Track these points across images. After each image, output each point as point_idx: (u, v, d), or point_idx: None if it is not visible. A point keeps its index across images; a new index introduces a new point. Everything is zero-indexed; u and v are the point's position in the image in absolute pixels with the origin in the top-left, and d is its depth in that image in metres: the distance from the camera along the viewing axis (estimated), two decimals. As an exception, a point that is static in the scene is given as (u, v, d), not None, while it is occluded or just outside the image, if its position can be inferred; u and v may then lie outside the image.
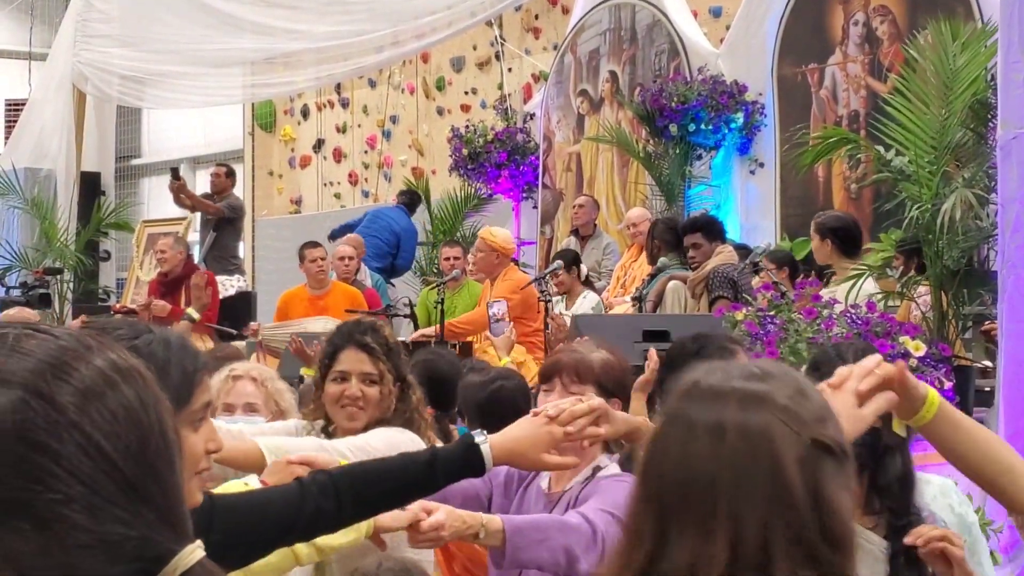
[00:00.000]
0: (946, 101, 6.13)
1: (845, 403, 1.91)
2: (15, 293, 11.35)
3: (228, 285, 10.81)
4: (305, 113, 16.91)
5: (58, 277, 11.94)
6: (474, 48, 14.59)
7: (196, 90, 12.86)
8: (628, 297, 8.53)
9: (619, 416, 2.61)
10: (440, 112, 15.04)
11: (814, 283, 5.75)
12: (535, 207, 12.17)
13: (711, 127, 9.78)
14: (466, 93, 14.78)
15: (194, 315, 7.12)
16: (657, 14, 10.82)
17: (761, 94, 9.89)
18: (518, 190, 12.29)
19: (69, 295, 12.02)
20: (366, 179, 16.06)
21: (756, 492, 1.45)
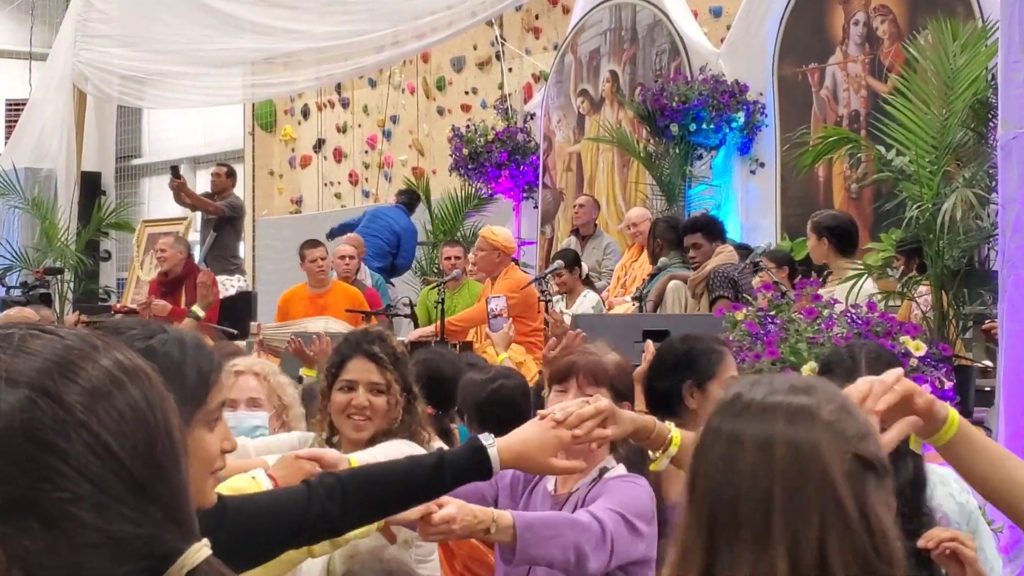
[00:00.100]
0: (946, 101, 6.13)
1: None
2: (15, 293, 11.35)
3: (228, 285, 10.80)
4: (305, 113, 16.91)
5: (58, 277, 11.93)
6: (474, 48, 14.58)
7: (196, 90, 12.84)
8: (628, 297, 8.53)
9: (626, 416, 2.60)
10: (440, 112, 15.03)
11: (814, 283, 5.75)
12: (535, 207, 12.17)
13: (712, 127, 9.78)
14: (466, 93, 14.78)
15: (199, 313, 7.11)
16: (658, 14, 10.82)
17: (762, 94, 9.89)
18: (518, 190, 12.29)
19: (69, 295, 12.01)
20: (366, 179, 16.06)
21: (810, 508, 1.44)
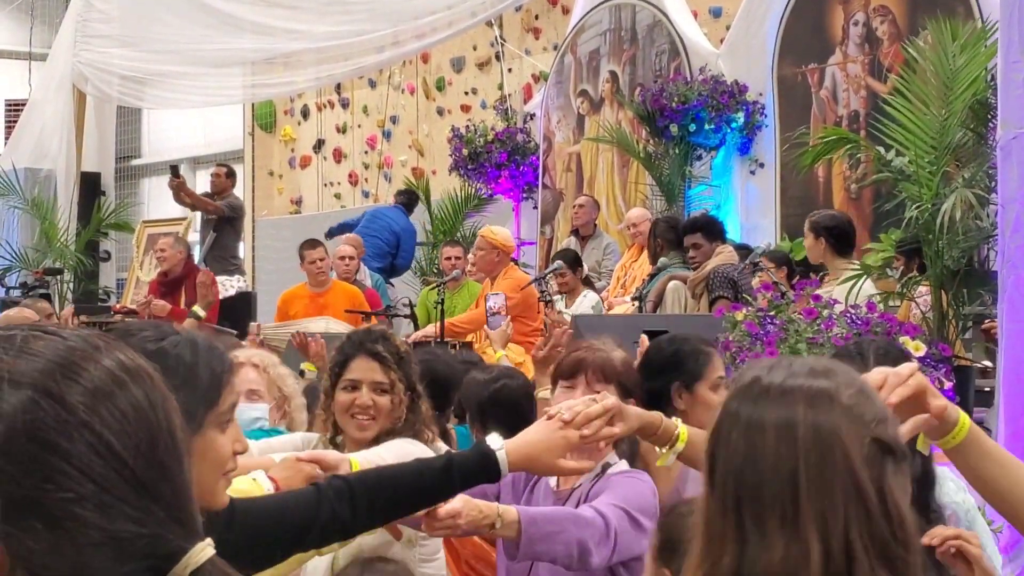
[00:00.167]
0: (946, 101, 6.12)
1: None
2: (15, 293, 11.35)
3: (228, 285, 10.80)
4: (305, 113, 16.91)
5: (58, 277, 11.95)
6: (474, 48, 14.58)
7: (196, 90, 12.85)
8: (628, 297, 8.53)
9: (633, 412, 2.58)
10: (440, 112, 15.04)
11: (814, 283, 5.75)
12: (535, 207, 12.17)
13: (711, 127, 9.78)
14: (466, 93, 14.78)
15: (200, 313, 7.10)
16: (657, 14, 10.82)
17: (761, 94, 9.89)
18: (518, 190, 12.29)
19: (69, 295, 12.02)
20: (366, 179, 16.06)
21: (834, 491, 1.44)
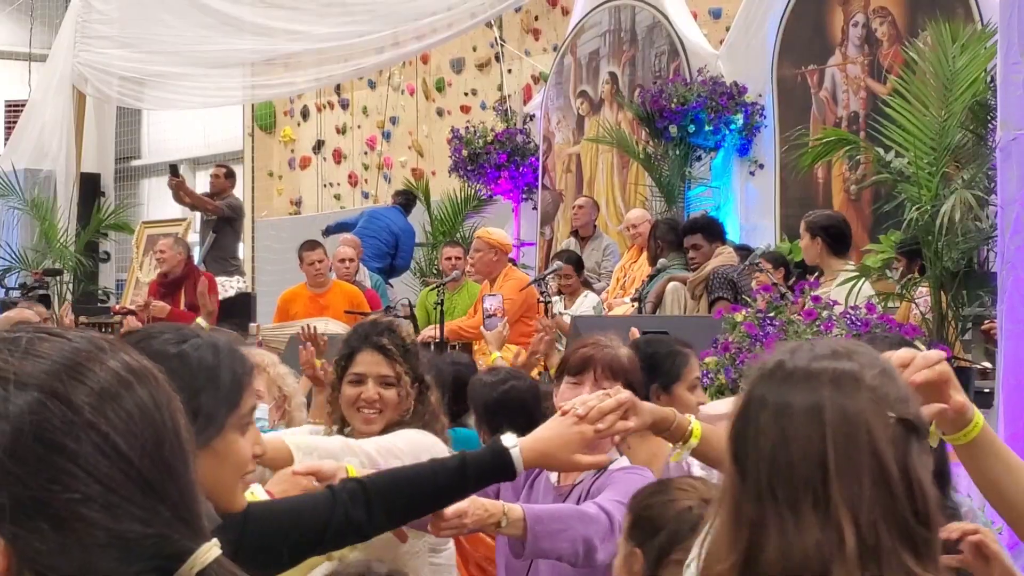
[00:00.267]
0: (946, 102, 6.12)
1: None
2: (15, 294, 11.35)
3: (228, 286, 10.81)
4: (305, 114, 16.91)
5: (58, 278, 11.94)
6: (474, 49, 14.59)
7: (196, 91, 12.85)
8: (628, 298, 8.53)
9: (646, 408, 2.56)
10: (440, 113, 15.04)
11: (814, 284, 5.75)
12: (535, 208, 12.17)
13: (711, 128, 9.78)
14: (466, 94, 14.78)
15: (204, 325, 7.12)
16: (657, 15, 10.82)
17: (761, 95, 9.89)
18: (518, 191, 12.29)
19: (69, 296, 12.01)
20: (366, 180, 16.06)
21: (863, 473, 1.45)
